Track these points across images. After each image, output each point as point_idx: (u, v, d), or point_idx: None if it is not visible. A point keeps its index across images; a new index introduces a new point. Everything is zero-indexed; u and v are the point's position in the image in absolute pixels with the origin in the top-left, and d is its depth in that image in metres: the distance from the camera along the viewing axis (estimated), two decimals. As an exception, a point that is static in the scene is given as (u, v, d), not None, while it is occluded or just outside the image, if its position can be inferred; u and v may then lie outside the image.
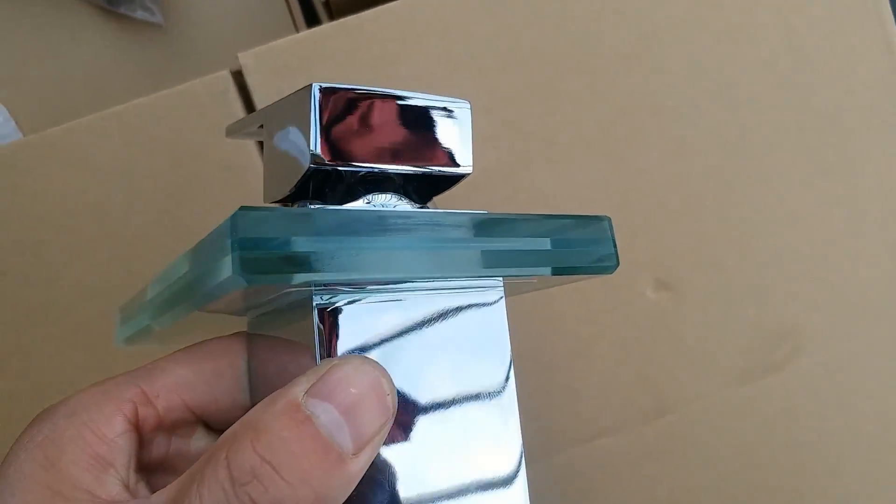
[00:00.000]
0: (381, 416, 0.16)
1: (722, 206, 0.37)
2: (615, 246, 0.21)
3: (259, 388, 0.21)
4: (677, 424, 0.38)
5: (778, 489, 0.38)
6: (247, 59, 0.36)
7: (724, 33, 0.37)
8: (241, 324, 0.22)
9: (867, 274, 0.38)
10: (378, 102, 0.19)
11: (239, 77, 0.36)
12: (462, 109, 0.21)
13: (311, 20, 0.44)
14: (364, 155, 0.19)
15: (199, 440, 0.22)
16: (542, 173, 0.37)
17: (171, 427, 0.21)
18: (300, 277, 0.16)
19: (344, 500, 0.16)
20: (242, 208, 0.16)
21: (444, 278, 0.19)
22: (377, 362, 0.16)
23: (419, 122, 0.20)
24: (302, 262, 0.16)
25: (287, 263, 0.16)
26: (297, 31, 0.43)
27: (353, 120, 0.19)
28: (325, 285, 0.18)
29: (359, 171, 0.19)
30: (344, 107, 0.19)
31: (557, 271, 0.20)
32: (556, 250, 0.20)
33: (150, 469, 0.21)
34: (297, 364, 0.18)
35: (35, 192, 0.36)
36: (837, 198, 0.37)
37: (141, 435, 0.20)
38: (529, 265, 0.19)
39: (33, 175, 0.36)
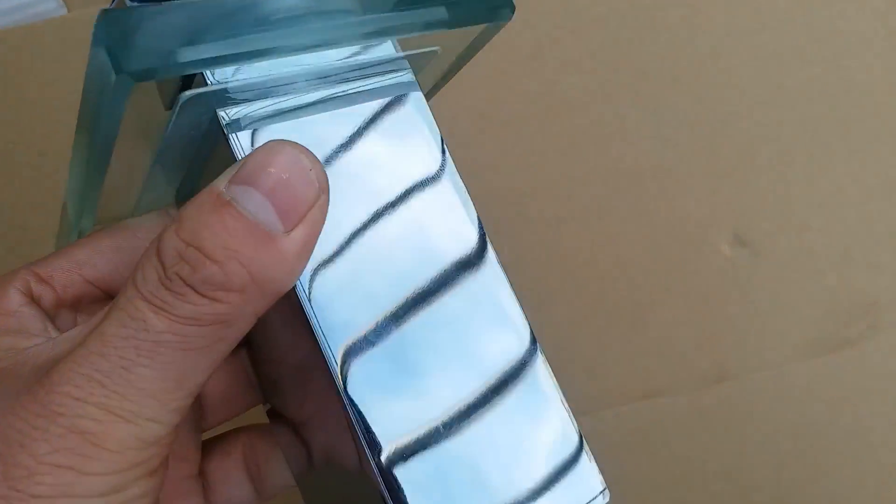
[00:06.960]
0: (306, 191, 0.16)
1: (813, 166, 0.35)
2: None
3: None
4: (736, 393, 0.35)
5: (836, 473, 0.36)
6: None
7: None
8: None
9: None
10: None
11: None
12: None
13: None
14: None
15: None
16: (624, 106, 0.34)
17: (73, 303, 0.21)
18: (186, 54, 0.15)
19: (290, 282, 0.16)
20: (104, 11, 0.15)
21: (331, 45, 0.18)
22: (294, 142, 0.16)
23: None
24: (185, 37, 0.15)
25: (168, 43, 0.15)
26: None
27: None
28: (226, 97, 0.17)
29: None
30: None
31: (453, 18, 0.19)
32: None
33: None
34: None
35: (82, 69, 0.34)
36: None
37: (43, 310, 0.20)
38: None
39: (81, 53, 0.34)
